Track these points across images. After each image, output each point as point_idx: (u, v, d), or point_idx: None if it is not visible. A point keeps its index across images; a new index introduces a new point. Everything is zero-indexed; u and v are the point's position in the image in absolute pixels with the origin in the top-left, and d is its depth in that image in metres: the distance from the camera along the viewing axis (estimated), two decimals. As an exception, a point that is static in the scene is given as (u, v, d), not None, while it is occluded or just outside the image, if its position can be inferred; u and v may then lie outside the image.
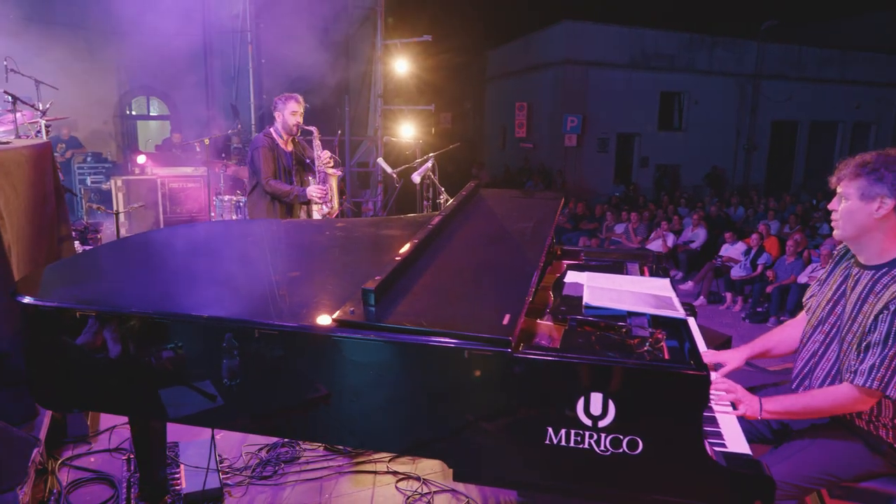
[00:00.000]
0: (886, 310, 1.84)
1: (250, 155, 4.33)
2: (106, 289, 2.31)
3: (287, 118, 4.32)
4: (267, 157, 4.28)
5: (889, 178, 1.89)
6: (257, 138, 4.35)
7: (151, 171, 9.11)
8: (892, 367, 1.82)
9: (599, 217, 11.83)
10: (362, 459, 3.22)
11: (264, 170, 4.26)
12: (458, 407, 1.78)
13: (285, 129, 4.36)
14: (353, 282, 2.20)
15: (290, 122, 4.32)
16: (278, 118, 4.36)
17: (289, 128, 4.34)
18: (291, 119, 4.32)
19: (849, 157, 2.03)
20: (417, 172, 4.72)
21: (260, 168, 4.25)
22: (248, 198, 4.38)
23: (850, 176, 1.97)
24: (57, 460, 3.11)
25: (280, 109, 4.33)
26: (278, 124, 4.37)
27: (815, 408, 1.97)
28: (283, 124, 4.34)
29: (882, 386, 1.82)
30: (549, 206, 3.04)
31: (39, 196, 3.73)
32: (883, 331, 1.84)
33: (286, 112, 4.31)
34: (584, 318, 2.08)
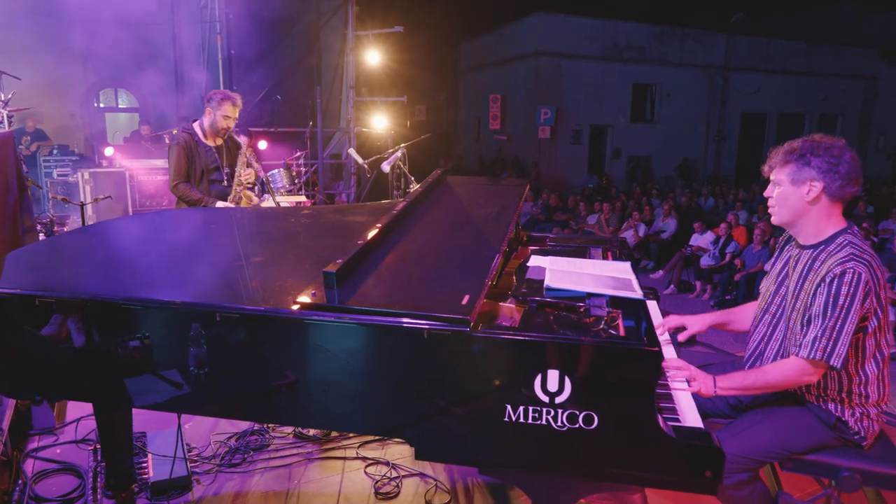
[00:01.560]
0: (823, 282, 1.93)
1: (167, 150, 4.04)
2: (67, 276, 2.29)
3: (218, 119, 3.97)
4: (179, 157, 3.92)
5: (815, 163, 1.98)
6: (176, 134, 4.04)
7: (119, 163, 8.96)
8: (833, 338, 1.89)
9: (572, 208, 11.94)
10: (331, 446, 3.24)
11: (172, 172, 3.91)
12: (418, 387, 1.81)
13: (212, 129, 4.01)
14: (316, 266, 2.21)
15: (219, 125, 3.99)
16: (208, 115, 3.99)
17: (217, 129, 4.01)
18: (222, 122, 3.98)
19: (778, 146, 2.12)
20: (387, 162, 4.73)
21: (169, 169, 3.93)
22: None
23: (781, 163, 2.06)
24: (21, 452, 3.07)
25: (213, 108, 3.96)
26: (205, 121, 4.01)
27: (766, 382, 2.04)
28: (212, 124, 3.99)
29: (825, 356, 1.90)
30: (513, 192, 3.08)
31: (2, 186, 3.67)
32: (821, 303, 1.92)
33: (218, 113, 3.95)
34: (545, 300, 2.12)
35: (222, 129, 4.01)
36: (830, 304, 1.90)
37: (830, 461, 2.08)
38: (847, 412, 2.08)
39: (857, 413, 2.08)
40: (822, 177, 1.97)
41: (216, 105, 3.96)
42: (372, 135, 9.83)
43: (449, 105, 23.32)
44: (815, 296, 1.95)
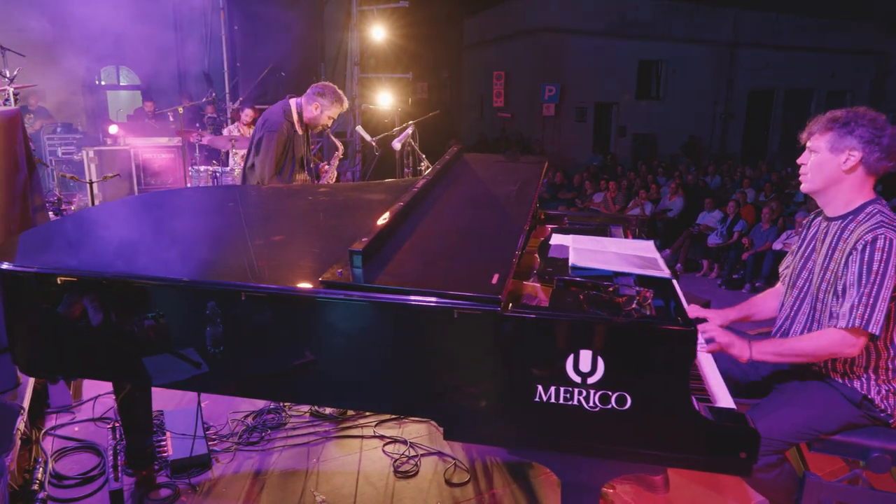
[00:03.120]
0: (854, 251, 1.93)
1: (260, 135, 3.64)
2: (87, 254, 2.27)
3: (322, 117, 3.73)
4: (279, 147, 3.62)
5: (858, 132, 1.97)
6: (274, 119, 3.65)
7: (124, 141, 8.89)
8: (870, 304, 1.88)
9: (578, 186, 11.87)
10: (348, 424, 3.24)
11: (269, 164, 3.59)
12: (447, 367, 1.79)
13: (311, 122, 3.76)
14: (338, 244, 2.18)
15: (321, 122, 3.76)
16: (314, 109, 3.69)
17: (315, 125, 3.78)
18: (325, 121, 3.77)
19: (818, 115, 2.11)
20: (398, 139, 4.67)
21: (263, 158, 3.60)
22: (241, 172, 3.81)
23: (821, 130, 2.06)
24: (41, 430, 3.08)
25: (323, 104, 3.69)
26: (307, 112, 3.72)
27: (802, 350, 2.03)
28: (314, 118, 3.73)
29: (864, 323, 1.88)
30: (532, 169, 3.03)
31: (11, 165, 3.63)
32: (854, 271, 1.92)
33: (326, 112, 3.72)
34: (571, 279, 2.09)
35: (321, 126, 3.81)
36: (864, 271, 1.89)
37: (860, 441, 2.07)
38: (873, 389, 2.06)
39: (883, 390, 2.06)
40: (862, 147, 1.97)
41: (328, 104, 3.71)
42: (378, 112, 9.72)
43: (451, 82, 23.08)
44: (847, 265, 1.94)
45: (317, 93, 3.73)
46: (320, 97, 3.71)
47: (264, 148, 3.62)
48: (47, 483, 2.73)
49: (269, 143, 3.60)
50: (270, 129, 3.63)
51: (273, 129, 3.63)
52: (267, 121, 3.71)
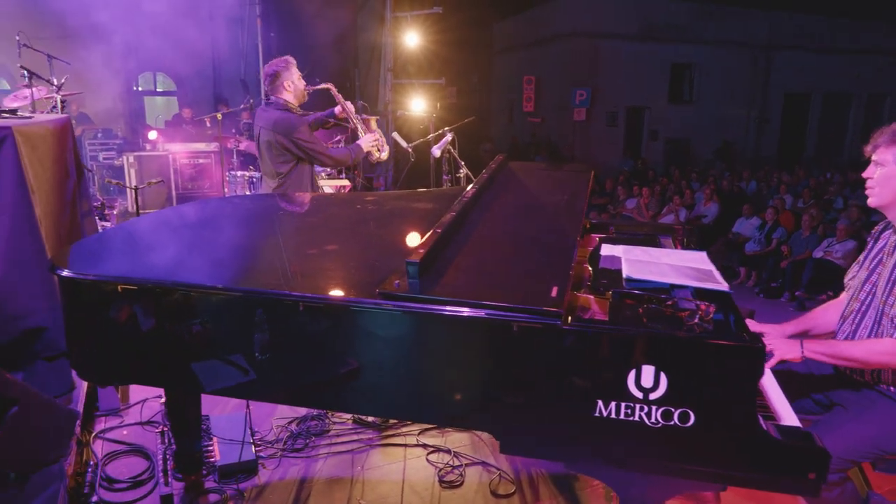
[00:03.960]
0: None
1: (285, 140, 3.64)
2: (143, 262, 2.30)
3: (298, 84, 3.76)
4: (311, 132, 3.76)
5: None
6: (285, 119, 3.68)
7: (162, 146, 9.07)
8: None
9: (610, 192, 11.77)
10: (391, 433, 3.24)
11: (319, 146, 3.72)
12: (504, 379, 1.78)
13: (297, 97, 3.79)
14: (391, 254, 2.19)
15: (301, 87, 3.78)
16: (288, 87, 3.73)
17: (301, 93, 3.80)
18: (301, 83, 3.78)
19: (885, 126, 2.06)
20: (437, 146, 4.67)
21: (315, 148, 3.69)
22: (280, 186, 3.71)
23: (888, 142, 2.02)
24: (91, 433, 3.14)
25: (287, 77, 3.71)
26: (288, 94, 3.75)
27: (852, 355, 2.00)
28: (296, 91, 3.76)
29: None
30: (579, 178, 3.00)
31: (62, 171, 3.71)
32: None
33: (295, 77, 3.74)
34: (627, 291, 2.06)
35: (304, 91, 3.83)
36: None
37: (928, 462, 2.00)
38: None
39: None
40: None
41: (288, 72, 3.73)
42: (410, 118, 9.76)
43: (481, 87, 23.08)
44: None
45: (274, 76, 3.72)
46: (282, 75, 3.71)
47: (308, 143, 3.67)
48: (98, 486, 2.79)
49: (302, 137, 3.65)
50: (290, 129, 3.65)
51: (293, 126, 3.65)
52: (278, 124, 3.67)
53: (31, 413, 2.15)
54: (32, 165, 2.82)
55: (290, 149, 3.67)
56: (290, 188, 3.68)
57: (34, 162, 2.88)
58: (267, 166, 3.75)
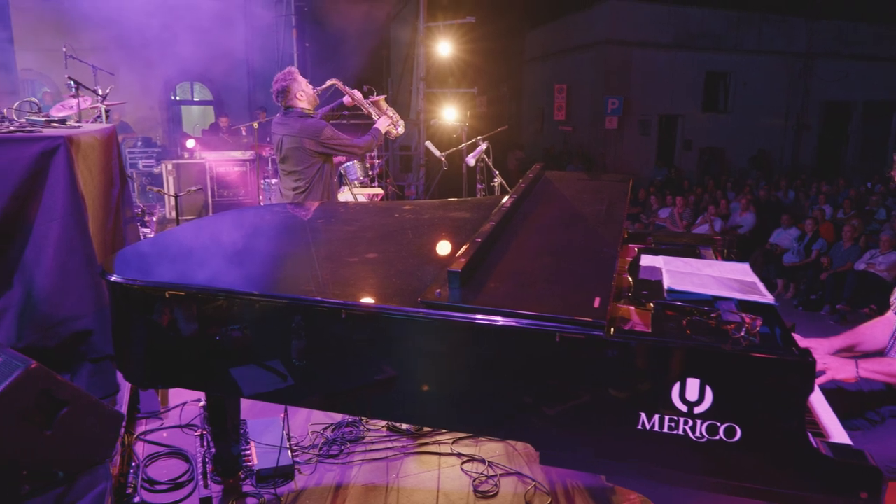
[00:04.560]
0: None
1: (313, 144, 3.85)
2: (188, 269, 2.35)
3: (307, 90, 3.98)
4: (336, 130, 3.97)
5: None
6: (311, 124, 3.90)
7: (200, 155, 9.26)
8: None
9: (642, 201, 11.63)
10: (425, 441, 3.25)
11: (347, 140, 3.95)
12: (545, 390, 1.77)
13: (310, 102, 4.02)
14: (431, 264, 2.20)
15: (310, 92, 4.00)
16: (300, 96, 3.94)
17: (313, 97, 4.02)
18: (309, 89, 4.00)
19: None
20: (472, 155, 4.69)
21: (342, 142, 3.91)
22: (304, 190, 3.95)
23: None
24: (132, 435, 3.20)
25: (297, 87, 3.94)
26: (302, 102, 3.96)
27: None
28: (308, 97, 3.98)
29: None
30: (618, 188, 2.98)
31: (108, 179, 3.82)
32: None
33: (303, 85, 3.97)
34: (669, 303, 2.04)
35: (315, 95, 4.02)
36: None
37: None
38: None
39: None
40: None
41: (296, 83, 3.94)
42: (442, 127, 9.81)
43: (511, 95, 23.06)
44: None
45: (285, 90, 3.93)
46: (292, 87, 3.91)
47: (336, 139, 3.88)
48: (140, 487, 2.84)
49: (330, 136, 3.86)
50: (316, 132, 3.84)
51: (318, 128, 3.85)
52: (305, 130, 3.87)
53: (80, 414, 2.22)
54: (82, 173, 2.91)
55: (320, 151, 3.88)
56: (314, 188, 3.91)
57: (83, 170, 2.97)
58: (290, 170, 3.96)
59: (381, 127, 4.14)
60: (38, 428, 2.12)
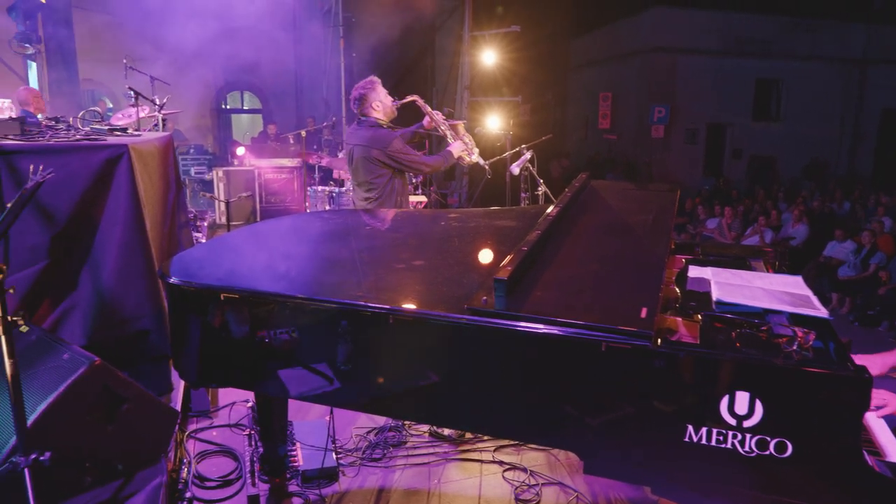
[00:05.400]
0: None
1: (381, 155, 3.80)
2: (241, 273, 2.44)
3: (385, 101, 3.94)
4: (405, 144, 3.92)
5: None
6: (379, 134, 3.85)
7: (249, 162, 9.52)
8: None
9: (689, 211, 11.41)
10: (467, 447, 3.26)
11: (416, 156, 3.93)
12: (590, 399, 1.77)
13: (386, 113, 3.96)
14: (477, 271, 2.23)
15: (389, 104, 3.95)
16: (376, 107, 3.91)
17: (390, 110, 3.97)
18: (388, 100, 3.96)
19: None
20: (516, 164, 4.70)
21: (411, 158, 3.87)
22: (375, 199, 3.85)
23: None
24: (184, 432, 3.32)
25: (374, 97, 3.90)
26: (377, 112, 3.92)
27: None
28: (385, 109, 3.94)
29: None
30: (665, 198, 2.95)
31: (165, 185, 3.98)
32: None
33: (381, 96, 3.93)
34: (717, 314, 2.01)
35: (393, 107, 3.99)
36: None
37: None
38: None
39: None
40: None
41: (374, 92, 3.92)
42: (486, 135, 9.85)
43: (555, 104, 22.94)
44: None
45: (363, 101, 3.90)
46: (368, 97, 3.88)
47: (403, 154, 3.83)
48: (191, 483, 2.94)
49: (397, 150, 3.81)
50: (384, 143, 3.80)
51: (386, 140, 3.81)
52: (374, 140, 3.84)
53: (139, 410, 2.32)
54: (142, 179, 3.04)
55: (387, 163, 3.82)
56: (384, 201, 3.84)
57: (144, 176, 3.11)
58: (361, 181, 3.91)
59: (454, 151, 4.07)
60: (100, 422, 2.23)
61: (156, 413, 2.42)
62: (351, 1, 10.33)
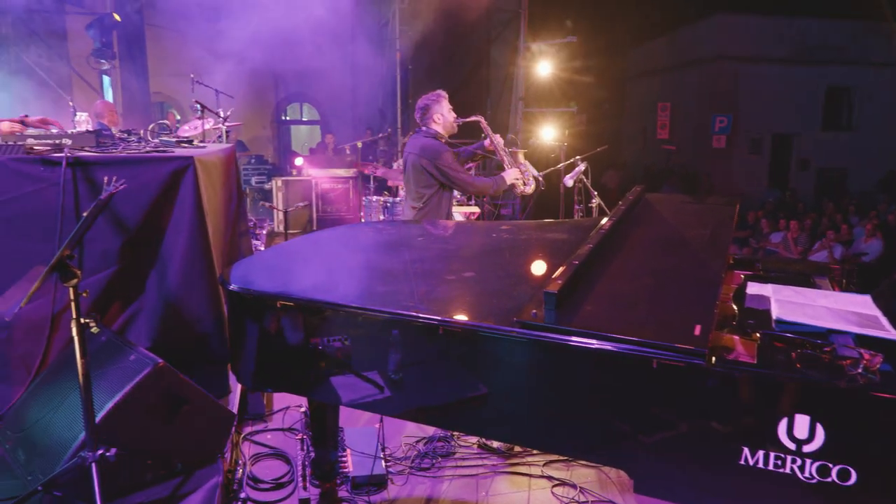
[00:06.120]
0: None
1: (429, 166, 3.85)
2: (297, 281, 2.51)
3: (447, 116, 3.99)
4: (455, 160, 3.96)
5: None
6: (431, 145, 3.90)
7: (307, 172, 9.77)
8: None
9: (752, 224, 11.03)
10: (516, 461, 3.24)
11: (464, 174, 3.95)
12: (641, 417, 1.74)
13: (447, 128, 4.01)
14: (528, 284, 2.22)
15: (450, 119, 4.00)
16: (437, 119, 3.98)
17: (451, 125, 4.01)
18: (451, 115, 4.00)
19: None
20: (570, 176, 4.67)
21: (458, 176, 3.89)
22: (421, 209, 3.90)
23: None
24: (240, 434, 3.42)
25: (437, 110, 3.98)
26: (437, 125, 3.99)
27: None
28: (445, 123, 3.99)
29: None
30: (723, 212, 2.88)
31: (227, 194, 4.13)
32: None
33: (444, 110, 3.98)
34: (777, 333, 1.94)
35: (454, 123, 4.03)
36: None
37: None
38: None
39: None
40: None
41: (438, 105, 3.98)
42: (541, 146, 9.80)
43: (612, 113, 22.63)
44: None
45: (425, 112, 3.96)
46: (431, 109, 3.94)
47: (451, 169, 3.85)
48: (245, 484, 3.03)
49: (445, 164, 3.84)
50: (434, 155, 3.84)
51: (437, 152, 3.85)
52: (425, 150, 3.89)
53: (199, 411, 2.41)
54: (206, 190, 3.17)
55: (434, 174, 3.86)
56: (430, 212, 3.87)
57: (207, 186, 3.24)
58: (411, 190, 3.99)
59: (508, 178, 4.03)
60: (162, 421, 2.33)
61: (214, 415, 2.51)
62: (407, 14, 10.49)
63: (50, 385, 2.54)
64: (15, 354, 2.80)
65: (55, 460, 2.18)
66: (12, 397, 2.76)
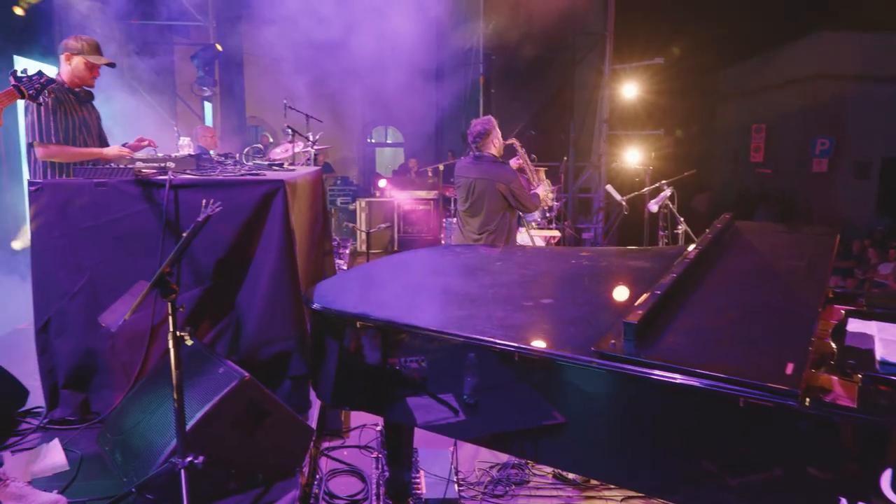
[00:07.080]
0: None
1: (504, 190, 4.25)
2: (377, 302, 2.57)
3: (499, 139, 4.42)
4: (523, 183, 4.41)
5: None
6: (503, 169, 4.35)
7: (390, 193, 10.02)
8: None
9: (858, 254, 10.30)
10: (592, 494, 3.15)
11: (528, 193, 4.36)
12: (724, 458, 1.65)
13: (499, 151, 4.46)
14: (607, 313, 2.17)
15: (501, 143, 4.45)
16: (494, 143, 4.41)
17: (501, 147, 4.47)
18: (500, 140, 4.44)
19: None
20: (655, 201, 4.55)
21: (524, 195, 4.30)
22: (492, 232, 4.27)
23: None
24: (318, 449, 3.51)
25: (495, 135, 4.39)
26: (494, 149, 4.42)
27: None
28: (499, 146, 4.43)
29: None
30: (822, 242, 2.70)
31: (314, 216, 4.30)
32: None
33: (498, 134, 4.42)
34: (882, 376, 1.79)
35: (503, 146, 4.46)
36: None
37: None
38: None
39: None
40: None
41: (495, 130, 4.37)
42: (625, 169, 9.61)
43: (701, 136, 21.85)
44: None
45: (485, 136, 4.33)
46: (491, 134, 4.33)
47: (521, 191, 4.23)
48: (321, 499, 3.09)
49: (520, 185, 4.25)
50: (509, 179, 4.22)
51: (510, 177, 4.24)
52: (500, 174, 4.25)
53: (280, 425, 2.50)
54: (294, 212, 3.31)
55: (507, 197, 4.14)
56: (497, 236, 4.15)
57: (295, 208, 3.38)
58: (477, 214, 4.10)
59: (541, 193, 4.54)
60: (245, 433, 2.43)
61: (294, 429, 2.59)
62: (492, 39, 10.62)
63: (147, 392, 2.71)
64: (117, 363, 3.01)
65: (148, 464, 2.32)
66: (114, 402, 2.97)
